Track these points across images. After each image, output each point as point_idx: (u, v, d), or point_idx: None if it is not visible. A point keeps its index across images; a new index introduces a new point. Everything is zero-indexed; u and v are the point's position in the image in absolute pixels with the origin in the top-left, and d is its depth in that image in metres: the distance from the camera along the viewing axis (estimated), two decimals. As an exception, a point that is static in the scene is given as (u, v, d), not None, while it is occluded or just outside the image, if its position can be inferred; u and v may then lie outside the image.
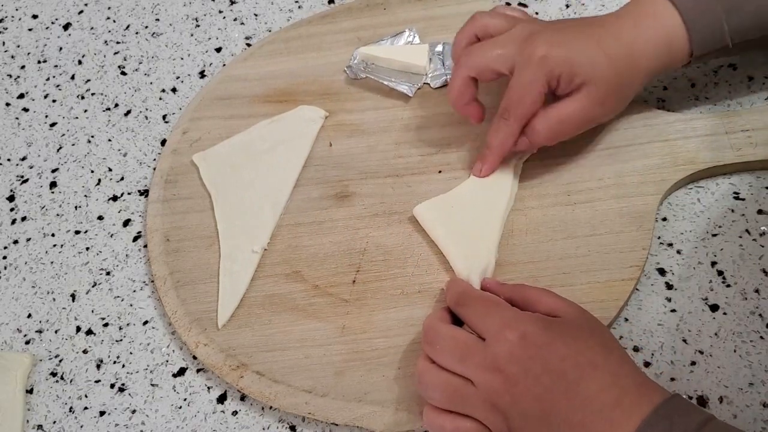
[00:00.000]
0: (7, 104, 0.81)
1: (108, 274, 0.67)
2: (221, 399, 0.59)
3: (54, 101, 0.80)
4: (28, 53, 0.85)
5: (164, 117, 0.77)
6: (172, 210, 0.68)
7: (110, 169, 0.74)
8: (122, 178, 0.73)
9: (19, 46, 0.86)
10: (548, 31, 0.60)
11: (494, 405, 0.48)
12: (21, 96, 0.81)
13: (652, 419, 0.44)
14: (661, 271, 0.61)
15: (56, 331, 0.64)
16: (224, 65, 0.80)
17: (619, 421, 0.44)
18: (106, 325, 0.64)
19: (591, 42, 0.59)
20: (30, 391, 0.61)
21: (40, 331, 0.64)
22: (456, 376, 0.49)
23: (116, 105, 0.79)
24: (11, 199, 0.73)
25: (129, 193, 0.72)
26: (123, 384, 0.61)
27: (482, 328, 0.50)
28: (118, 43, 0.84)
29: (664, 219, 0.63)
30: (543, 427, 0.47)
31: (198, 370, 0.61)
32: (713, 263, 0.60)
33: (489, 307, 0.51)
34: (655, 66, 0.61)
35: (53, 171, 0.74)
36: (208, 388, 0.60)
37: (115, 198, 0.72)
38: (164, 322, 0.63)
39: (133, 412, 0.59)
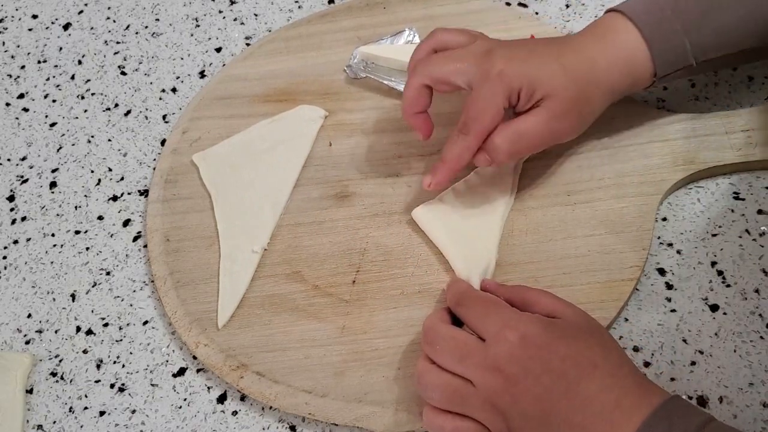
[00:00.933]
0: (7, 104, 0.81)
1: (108, 274, 0.67)
2: (221, 399, 0.59)
3: (54, 101, 0.80)
4: (28, 53, 0.85)
5: (164, 117, 0.77)
6: (172, 210, 0.68)
7: (110, 169, 0.74)
8: (122, 178, 0.73)
9: (19, 46, 0.86)
10: (507, 47, 0.59)
11: (494, 405, 0.48)
12: (21, 96, 0.81)
13: (652, 421, 0.44)
14: (661, 271, 0.61)
15: (56, 331, 0.64)
16: (224, 65, 0.80)
17: (619, 423, 0.44)
18: (106, 325, 0.64)
19: (550, 58, 0.58)
20: (30, 391, 0.61)
21: (40, 331, 0.64)
22: (456, 377, 0.49)
23: (116, 105, 0.79)
24: (11, 199, 0.73)
25: (129, 193, 0.72)
26: (123, 384, 0.61)
27: (482, 329, 0.50)
28: (118, 43, 0.84)
29: (664, 219, 0.63)
30: (543, 428, 0.47)
31: (198, 370, 0.61)
32: (713, 263, 0.60)
33: (489, 308, 0.51)
34: (618, 84, 0.60)
35: (53, 171, 0.74)
36: (208, 388, 0.60)
37: (115, 198, 0.72)
38: (164, 322, 0.63)
39: (133, 412, 0.59)
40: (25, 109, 0.80)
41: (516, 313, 0.50)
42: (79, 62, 0.83)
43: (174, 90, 0.79)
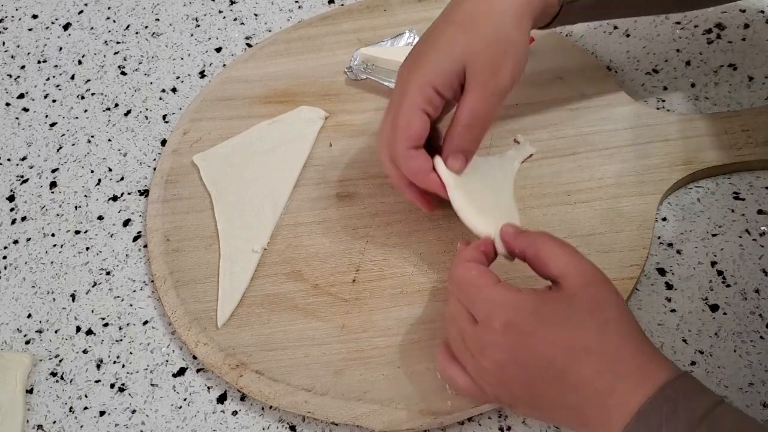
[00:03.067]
0: (7, 104, 0.81)
1: (108, 274, 0.67)
2: (221, 399, 0.59)
3: (54, 101, 0.80)
4: (28, 53, 0.85)
5: (164, 117, 0.77)
6: (172, 210, 0.68)
7: (110, 169, 0.74)
8: (122, 178, 0.73)
9: (19, 46, 0.86)
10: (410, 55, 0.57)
11: (489, 383, 0.48)
12: (21, 96, 0.81)
13: (653, 403, 0.42)
14: (661, 271, 0.61)
15: (56, 331, 0.64)
16: (224, 65, 0.80)
17: (616, 407, 0.43)
18: (106, 325, 0.64)
19: (450, 30, 0.55)
20: (30, 391, 0.61)
21: (40, 331, 0.64)
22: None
23: (116, 105, 0.79)
24: (11, 199, 0.73)
25: (129, 193, 0.72)
26: (123, 384, 0.61)
27: (474, 313, 0.49)
28: (118, 43, 0.84)
29: (664, 219, 0.63)
30: (534, 410, 0.47)
31: (198, 370, 0.61)
32: (713, 263, 0.60)
33: (477, 292, 0.49)
34: (524, 6, 0.55)
35: (53, 171, 0.74)
36: (208, 388, 0.60)
37: (115, 198, 0.72)
38: (164, 322, 0.63)
39: (133, 412, 0.59)
40: (25, 109, 0.80)
41: (504, 295, 0.48)
42: (79, 62, 0.83)
43: (174, 90, 0.79)
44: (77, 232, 0.70)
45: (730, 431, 0.42)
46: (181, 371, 0.61)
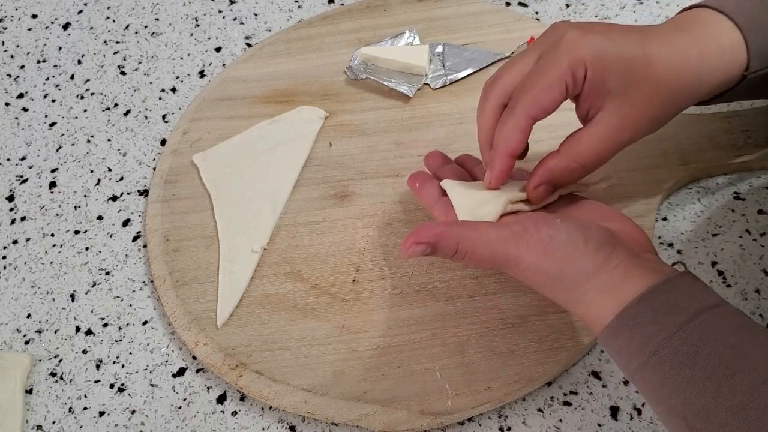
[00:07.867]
0: (7, 104, 0.81)
1: (107, 274, 0.67)
2: (221, 399, 0.59)
3: (53, 101, 0.80)
4: (28, 53, 0.85)
5: (164, 117, 0.77)
6: (172, 210, 0.68)
7: (110, 169, 0.74)
8: (122, 178, 0.73)
9: (18, 46, 0.86)
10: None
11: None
12: (20, 96, 0.81)
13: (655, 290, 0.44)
14: (662, 271, 0.60)
15: (56, 331, 0.64)
16: (224, 65, 0.80)
17: (614, 295, 0.45)
18: (105, 325, 0.64)
19: (633, 42, 0.48)
20: (30, 391, 0.61)
21: (39, 332, 0.64)
22: None
23: (116, 105, 0.79)
24: (11, 199, 0.73)
25: (128, 193, 0.72)
26: (122, 384, 0.61)
27: None
28: (117, 42, 0.84)
29: (665, 219, 0.63)
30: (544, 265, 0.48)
31: (197, 371, 0.60)
32: (713, 263, 0.60)
33: None
34: (705, 82, 0.50)
35: (53, 171, 0.74)
36: (208, 388, 0.60)
37: (114, 198, 0.72)
38: (164, 322, 0.63)
39: (133, 412, 0.59)
40: (25, 109, 0.80)
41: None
42: (79, 62, 0.83)
43: (174, 90, 0.79)
44: (77, 232, 0.70)
45: (719, 330, 0.41)
46: (181, 371, 0.61)
